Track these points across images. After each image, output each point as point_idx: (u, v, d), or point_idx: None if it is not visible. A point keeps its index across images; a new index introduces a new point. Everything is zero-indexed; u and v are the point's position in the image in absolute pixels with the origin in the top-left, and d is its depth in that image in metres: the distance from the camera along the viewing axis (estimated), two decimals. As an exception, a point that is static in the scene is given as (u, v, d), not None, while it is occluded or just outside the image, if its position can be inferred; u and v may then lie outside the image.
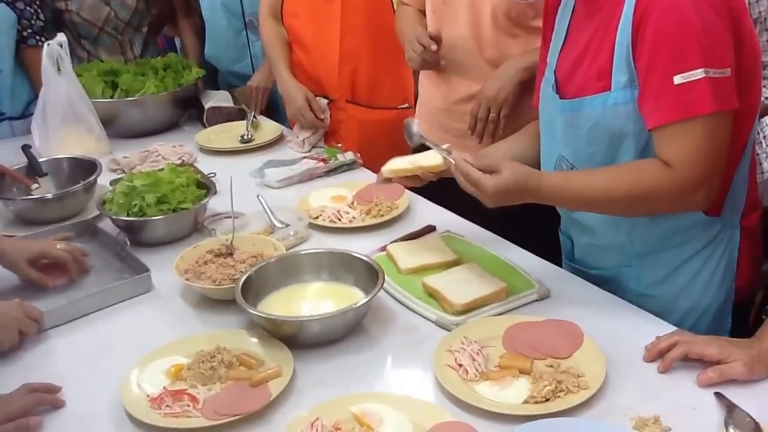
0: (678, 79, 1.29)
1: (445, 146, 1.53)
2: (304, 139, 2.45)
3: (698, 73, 1.28)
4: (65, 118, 2.41)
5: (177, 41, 3.56)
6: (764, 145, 2.37)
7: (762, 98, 2.11)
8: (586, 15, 1.50)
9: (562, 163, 1.55)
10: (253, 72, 3.01)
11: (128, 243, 1.78)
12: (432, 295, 1.55)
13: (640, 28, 1.34)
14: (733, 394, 1.22)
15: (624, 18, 1.37)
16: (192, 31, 3.19)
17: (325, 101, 2.50)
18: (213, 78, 3.29)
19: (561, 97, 1.52)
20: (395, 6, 2.41)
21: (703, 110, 1.29)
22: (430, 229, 1.87)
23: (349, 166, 2.27)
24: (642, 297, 1.53)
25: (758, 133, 2.32)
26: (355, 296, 1.52)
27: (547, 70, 1.59)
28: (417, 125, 1.65)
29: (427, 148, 1.58)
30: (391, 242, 1.77)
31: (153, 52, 3.11)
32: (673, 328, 1.40)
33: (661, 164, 1.35)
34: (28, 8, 2.70)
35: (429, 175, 1.61)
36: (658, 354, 1.32)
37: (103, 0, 2.89)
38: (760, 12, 2.14)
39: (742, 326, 1.52)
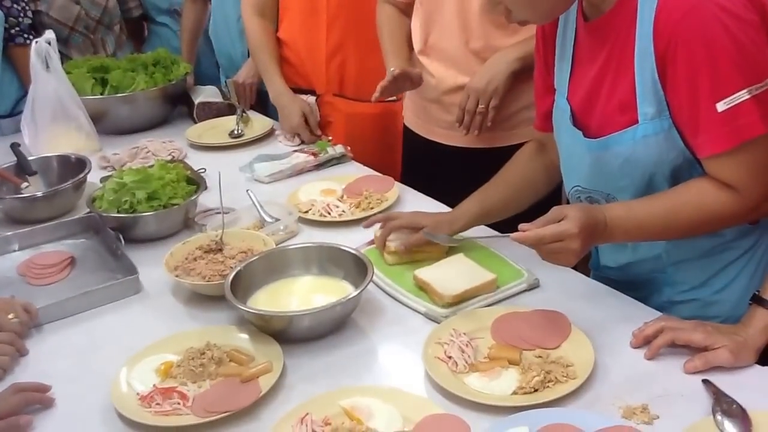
0: (721, 106, 1.24)
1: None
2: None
3: (741, 95, 1.23)
4: (54, 116, 2.40)
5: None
6: None
7: None
8: (592, 43, 1.43)
9: (593, 194, 1.50)
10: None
11: (122, 241, 1.78)
12: (422, 287, 1.55)
13: (667, 58, 1.27)
14: (720, 381, 1.22)
15: (641, 47, 1.30)
16: (193, 17, 3.19)
17: (313, 98, 2.50)
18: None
19: (585, 135, 1.44)
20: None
21: (754, 133, 1.24)
22: (419, 221, 1.86)
23: (338, 160, 2.27)
24: (674, 304, 1.49)
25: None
26: (345, 290, 1.52)
27: (558, 97, 1.53)
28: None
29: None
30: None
31: (126, 51, 3.11)
32: (659, 314, 1.40)
33: (723, 187, 1.30)
34: (15, 6, 2.70)
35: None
36: (644, 340, 1.33)
37: None
38: None
39: None
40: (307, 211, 1.92)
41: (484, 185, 1.70)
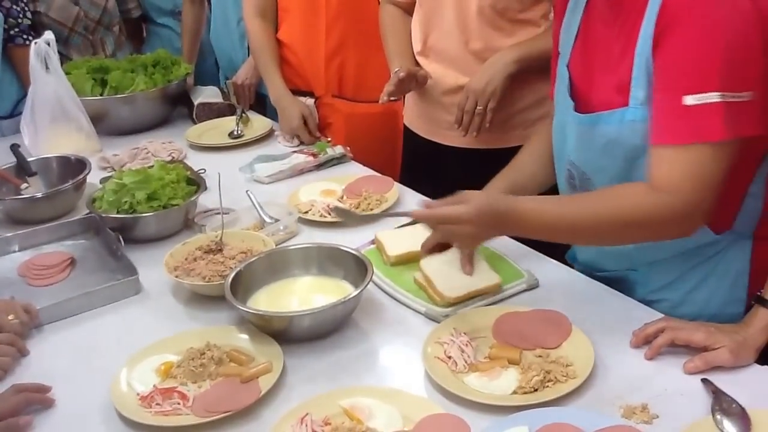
0: (690, 100, 1.20)
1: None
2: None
3: (713, 97, 1.19)
4: (54, 117, 2.40)
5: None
6: None
7: None
8: (604, 16, 1.40)
9: (571, 167, 1.50)
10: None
11: (122, 242, 1.78)
12: (423, 284, 1.55)
13: (662, 38, 1.24)
14: (720, 380, 1.23)
15: (645, 28, 1.27)
16: (192, 17, 3.20)
17: (312, 101, 2.51)
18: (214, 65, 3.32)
19: (577, 107, 1.43)
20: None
21: (712, 137, 1.20)
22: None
23: (338, 160, 2.27)
24: (647, 302, 1.48)
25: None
26: (345, 290, 1.52)
27: (560, 63, 1.51)
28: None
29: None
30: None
31: (125, 52, 3.11)
32: (661, 316, 1.40)
33: (648, 188, 1.26)
34: (14, 7, 2.70)
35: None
36: (644, 340, 1.33)
37: (71, 0, 2.87)
38: None
39: None
40: (307, 212, 1.92)
41: (510, 163, 1.66)
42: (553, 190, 1.61)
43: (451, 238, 1.33)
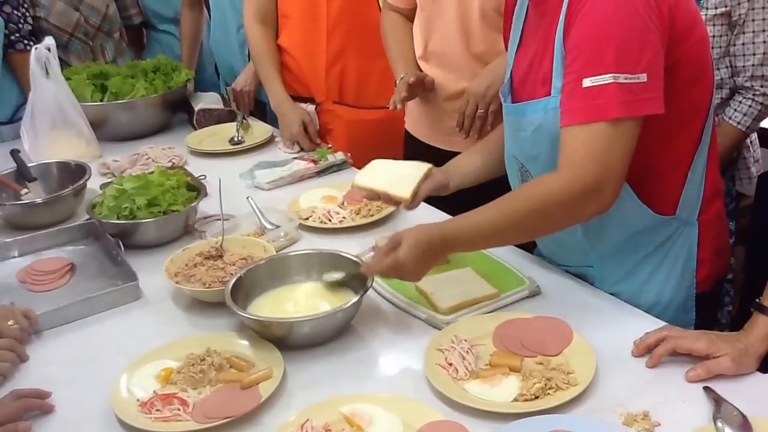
0: (587, 82, 1.30)
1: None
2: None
3: (607, 78, 1.28)
4: (54, 122, 2.40)
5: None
6: (752, 150, 2.36)
7: (748, 103, 2.14)
8: (535, 18, 1.51)
9: (514, 162, 1.57)
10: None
11: (122, 248, 1.78)
12: (423, 292, 1.55)
13: (569, 28, 1.35)
14: (721, 387, 1.22)
15: (559, 23, 1.37)
16: (191, 23, 3.20)
17: (312, 107, 2.51)
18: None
19: (509, 101, 1.55)
20: (381, 4, 2.40)
21: (606, 115, 1.28)
22: (420, 228, 1.86)
23: (339, 167, 2.27)
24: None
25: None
26: (345, 297, 1.52)
27: (507, 71, 1.60)
28: None
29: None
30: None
31: (126, 58, 3.12)
32: (662, 323, 1.40)
33: (558, 172, 1.34)
34: (15, 12, 2.70)
35: (390, 201, 1.70)
36: (646, 349, 1.33)
37: (72, 6, 2.88)
38: (740, 14, 2.11)
39: (708, 318, 1.54)
40: (307, 218, 1.93)
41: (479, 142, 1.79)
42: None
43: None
